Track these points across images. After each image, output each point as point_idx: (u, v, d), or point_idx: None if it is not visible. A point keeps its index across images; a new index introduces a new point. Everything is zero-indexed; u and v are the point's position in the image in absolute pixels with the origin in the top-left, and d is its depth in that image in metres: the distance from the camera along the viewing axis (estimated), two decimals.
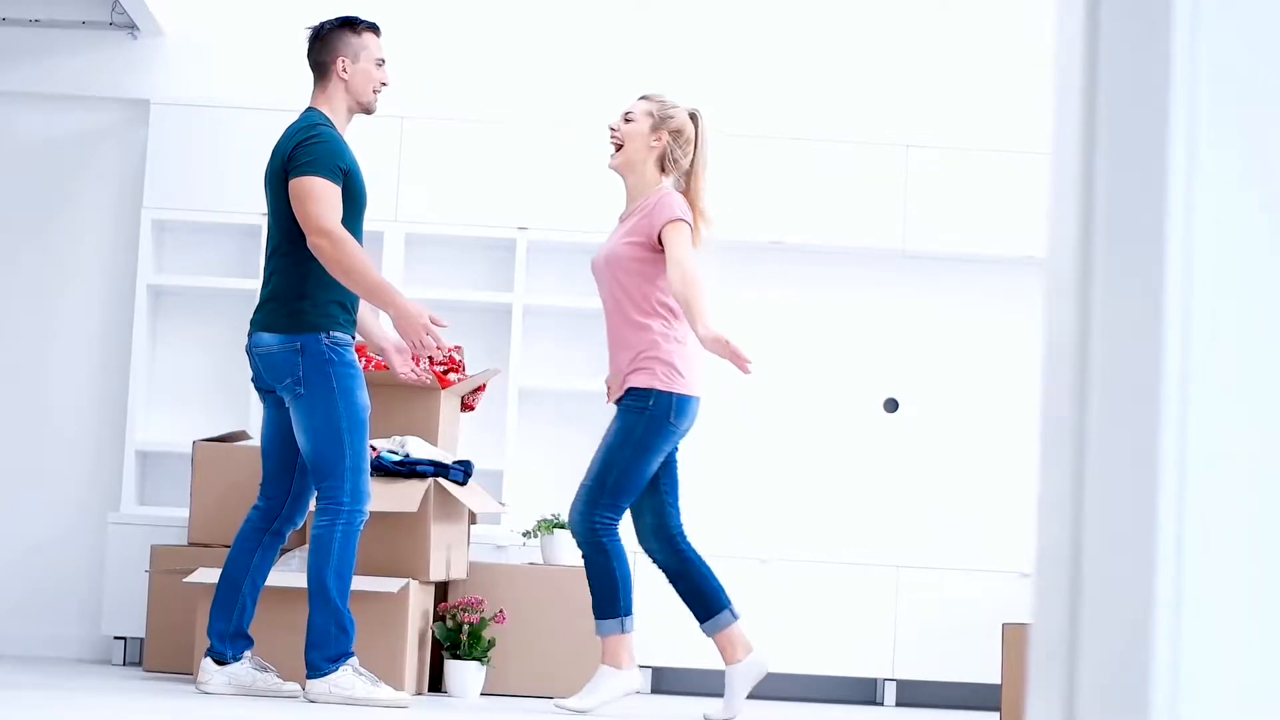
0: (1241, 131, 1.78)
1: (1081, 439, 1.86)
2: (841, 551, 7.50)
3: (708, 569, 5.84)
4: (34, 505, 7.51)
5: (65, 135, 7.65)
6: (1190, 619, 1.74)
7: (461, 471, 6.45)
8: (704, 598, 5.82)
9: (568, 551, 6.82)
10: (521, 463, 7.57)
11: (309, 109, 5.82)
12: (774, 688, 7.41)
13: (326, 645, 5.58)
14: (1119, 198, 1.83)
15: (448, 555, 6.49)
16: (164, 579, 6.69)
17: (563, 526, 6.82)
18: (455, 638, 6.38)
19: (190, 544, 6.72)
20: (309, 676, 5.60)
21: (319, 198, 5.61)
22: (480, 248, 7.67)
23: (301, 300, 5.66)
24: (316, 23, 5.90)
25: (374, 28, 5.91)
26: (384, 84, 5.89)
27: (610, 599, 5.75)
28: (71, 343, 7.57)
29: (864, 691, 7.40)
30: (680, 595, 5.85)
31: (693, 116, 5.89)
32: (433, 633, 6.46)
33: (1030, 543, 6.89)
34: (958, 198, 7.51)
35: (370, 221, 7.47)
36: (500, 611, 6.52)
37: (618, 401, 5.79)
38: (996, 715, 6.79)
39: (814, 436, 7.66)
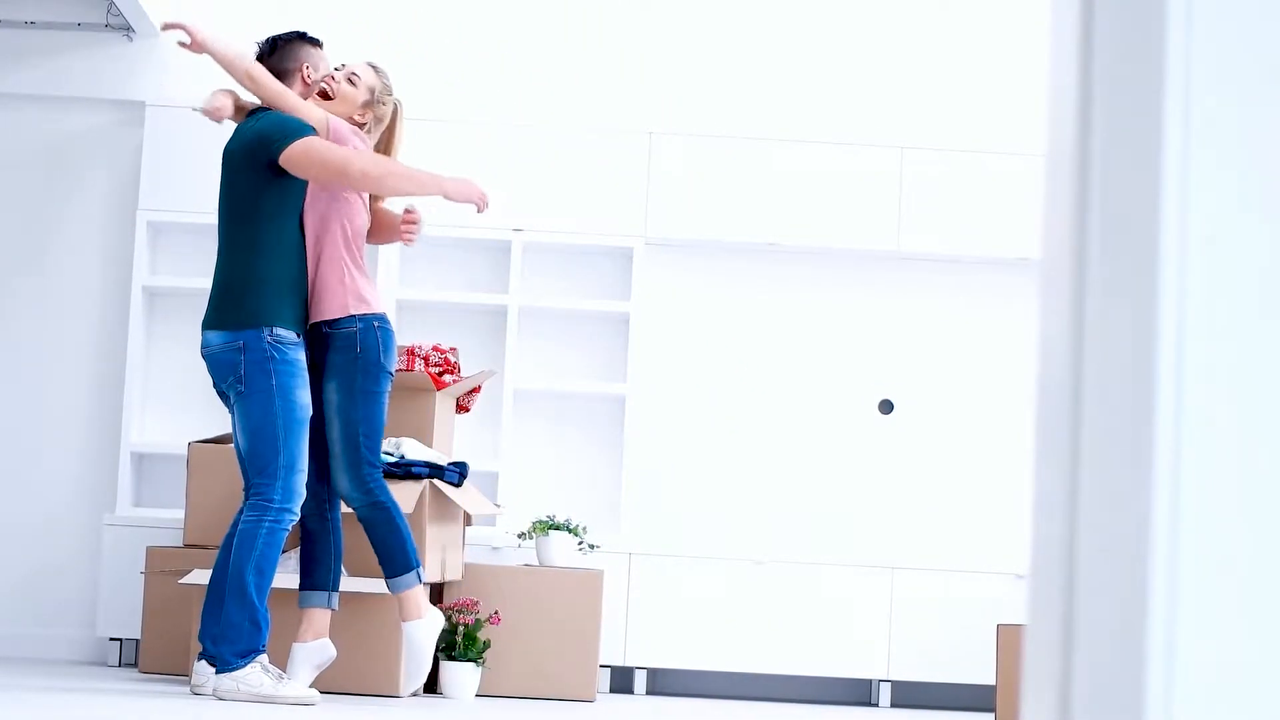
0: (1236, 133, 1.78)
1: (1076, 441, 1.86)
2: (836, 553, 7.50)
3: (338, 554, 5.91)
4: (29, 507, 7.50)
5: (60, 137, 7.65)
6: (1185, 621, 1.74)
7: (457, 473, 6.45)
8: (314, 571, 5.88)
9: (564, 553, 6.82)
10: (517, 464, 7.57)
11: (263, 110, 5.92)
12: (769, 689, 7.42)
13: (238, 640, 5.63)
14: (1113, 199, 1.83)
15: (443, 557, 6.49)
16: (159, 581, 6.69)
17: (558, 528, 6.82)
18: (450, 639, 6.38)
19: (186, 545, 6.72)
20: (217, 671, 5.65)
21: (321, 148, 5.74)
22: (476, 249, 7.68)
23: (244, 293, 5.75)
24: (268, 36, 6.07)
25: (321, 44, 6.11)
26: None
27: (400, 553, 5.83)
28: (66, 345, 7.57)
29: (859, 693, 7.40)
30: (302, 553, 5.93)
31: (396, 106, 6.14)
32: None
33: (1025, 544, 6.88)
34: (953, 199, 7.52)
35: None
36: (495, 613, 6.52)
37: (323, 333, 5.85)
38: (991, 716, 6.79)
39: (809, 438, 7.67)
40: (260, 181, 5.80)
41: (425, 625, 5.86)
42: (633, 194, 7.51)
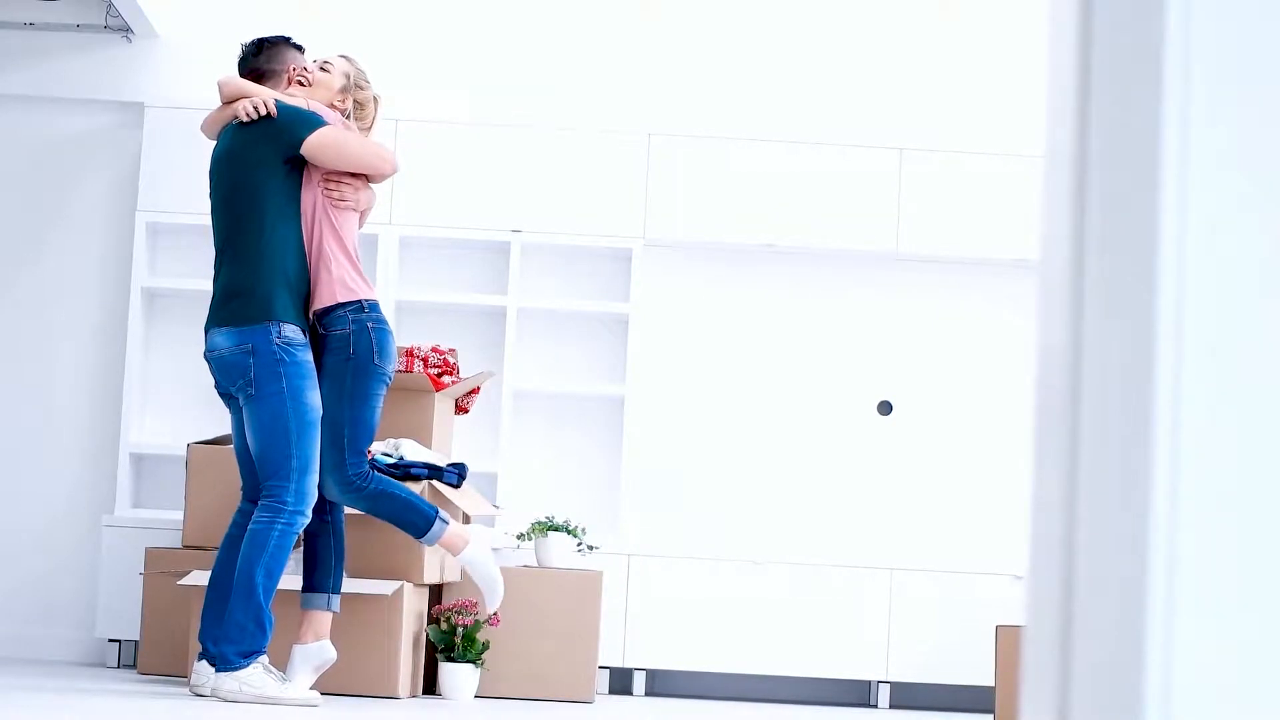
0: (1235, 136, 1.78)
1: (1075, 441, 1.86)
2: (835, 554, 7.50)
3: (340, 557, 5.94)
4: (28, 508, 7.50)
5: (59, 138, 7.65)
6: (1183, 621, 1.74)
7: (456, 474, 6.45)
8: (315, 573, 5.91)
9: (562, 554, 6.82)
10: (516, 465, 7.57)
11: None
12: (768, 690, 7.42)
13: (242, 640, 5.63)
14: (1112, 201, 1.83)
15: (442, 558, 6.49)
16: (158, 581, 6.69)
17: (557, 529, 6.82)
18: (449, 640, 6.38)
19: (185, 546, 6.71)
20: (219, 670, 5.65)
21: (345, 139, 5.86)
22: (475, 250, 7.68)
23: (252, 292, 5.74)
24: (253, 37, 6.12)
25: (304, 50, 6.17)
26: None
27: (417, 515, 5.89)
28: (66, 346, 7.57)
29: (858, 694, 7.41)
30: (304, 555, 5.96)
31: (375, 99, 6.14)
32: (427, 635, 6.46)
33: (1024, 545, 6.87)
34: (952, 201, 7.52)
35: (365, 224, 7.49)
36: (494, 614, 6.52)
37: (318, 333, 5.89)
38: (990, 717, 6.79)
39: (808, 439, 7.67)
40: (271, 179, 5.80)
41: (475, 547, 5.97)
42: (631, 195, 7.51)
